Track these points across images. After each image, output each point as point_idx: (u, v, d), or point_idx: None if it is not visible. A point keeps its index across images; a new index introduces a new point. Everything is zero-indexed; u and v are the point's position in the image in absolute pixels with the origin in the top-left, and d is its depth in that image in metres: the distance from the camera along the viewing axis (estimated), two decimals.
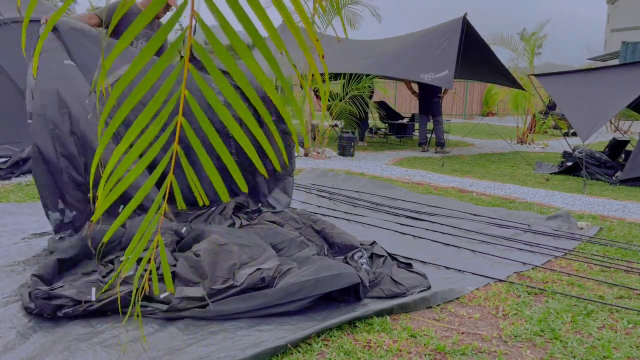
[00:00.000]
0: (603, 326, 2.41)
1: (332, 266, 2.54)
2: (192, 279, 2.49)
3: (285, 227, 3.30)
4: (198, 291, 2.38)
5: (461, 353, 2.11)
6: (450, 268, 3.11)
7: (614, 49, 24.78)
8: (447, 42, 8.90)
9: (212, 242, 2.69)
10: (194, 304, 2.33)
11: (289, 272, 2.50)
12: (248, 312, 2.34)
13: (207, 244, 2.68)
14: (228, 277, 2.48)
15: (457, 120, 20.31)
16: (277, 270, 2.50)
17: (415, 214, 4.52)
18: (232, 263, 2.56)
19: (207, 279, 2.46)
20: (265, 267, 2.51)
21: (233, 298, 2.37)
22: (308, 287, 2.39)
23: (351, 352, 2.07)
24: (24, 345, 2.02)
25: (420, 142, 10.21)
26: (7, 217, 3.93)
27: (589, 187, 6.38)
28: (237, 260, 2.58)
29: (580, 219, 4.59)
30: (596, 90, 7.07)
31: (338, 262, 2.70)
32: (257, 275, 2.45)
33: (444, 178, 6.76)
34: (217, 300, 2.36)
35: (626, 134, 12.40)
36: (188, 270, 2.54)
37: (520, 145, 11.91)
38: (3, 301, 2.43)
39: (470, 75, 11.79)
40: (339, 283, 2.43)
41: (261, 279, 2.43)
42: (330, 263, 2.63)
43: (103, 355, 1.97)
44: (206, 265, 2.53)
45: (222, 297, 2.37)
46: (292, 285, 2.39)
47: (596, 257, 3.46)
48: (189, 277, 2.50)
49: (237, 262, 2.57)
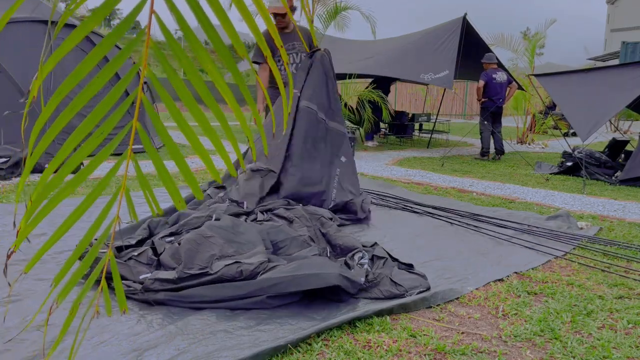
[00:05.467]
0: (603, 326, 2.41)
1: (314, 265, 2.55)
2: (172, 265, 2.67)
3: (294, 224, 3.35)
4: (170, 274, 2.53)
5: (461, 353, 2.11)
6: (450, 268, 3.12)
7: (614, 49, 24.78)
8: (447, 42, 8.90)
9: (197, 233, 2.84)
10: (166, 286, 2.46)
11: (274, 269, 2.54)
12: (221, 302, 2.41)
13: (192, 235, 2.84)
14: (205, 266, 2.58)
15: (457, 120, 20.32)
16: (261, 266, 2.54)
17: (417, 207, 4.52)
18: (212, 254, 2.67)
19: (182, 264, 2.60)
20: (246, 262, 2.56)
21: (207, 286, 2.46)
22: (283, 283, 2.42)
23: (351, 352, 2.07)
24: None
25: (484, 151, 9.05)
26: (7, 217, 3.93)
27: (588, 187, 6.39)
28: (217, 251, 2.70)
29: (580, 219, 4.59)
30: (596, 90, 7.07)
31: (325, 263, 2.68)
32: (234, 267, 2.51)
33: (444, 178, 6.76)
34: (190, 286, 2.46)
35: (626, 134, 12.41)
36: (169, 257, 2.72)
37: (520, 145, 11.92)
38: (3, 301, 2.43)
39: (470, 76, 11.80)
40: (315, 283, 2.44)
41: (239, 271, 2.49)
42: (315, 262, 2.64)
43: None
44: (183, 252, 2.68)
45: (195, 283, 2.47)
46: (267, 280, 2.44)
47: (596, 257, 3.46)
48: (169, 264, 2.69)
49: (217, 254, 2.68)
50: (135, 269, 2.65)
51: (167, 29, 0.82)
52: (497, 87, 8.73)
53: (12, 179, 5.54)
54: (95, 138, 0.87)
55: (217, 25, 0.88)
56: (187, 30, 0.81)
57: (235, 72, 0.85)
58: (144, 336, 2.13)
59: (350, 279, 2.52)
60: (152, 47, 0.86)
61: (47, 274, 2.76)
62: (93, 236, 0.97)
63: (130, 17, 0.83)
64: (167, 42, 0.84)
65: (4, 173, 5.54)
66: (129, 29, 0.85)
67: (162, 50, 0.88)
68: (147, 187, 0.95)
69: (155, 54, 0.87)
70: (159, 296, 2.44)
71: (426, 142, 11.28)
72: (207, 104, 0.87)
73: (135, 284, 2.54)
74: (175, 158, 0.90)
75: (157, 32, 0.89)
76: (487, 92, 8.77)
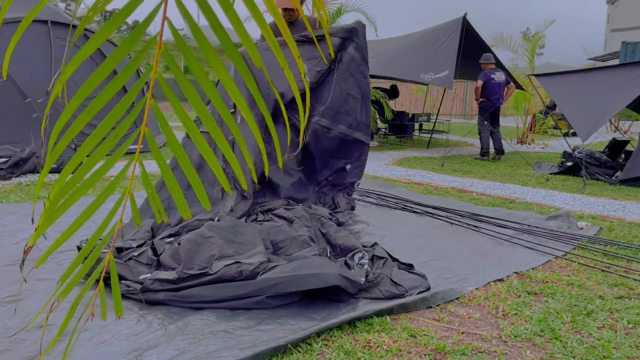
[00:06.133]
0: (603, 326, 2.41)
1: (314, 266, 2.56)
2: (172, 265, 2.67)
3: (294, 224, 3.35)
4: (170, 274, 2.53)
5: (461, 353, 2.11)
6: (449, 268, 3.12)
7: (614, 49, 24.77)
8: (447, 42, 8.90)
9: (197, 234, 2.84)
10: (166, 286, 2.46)
11: (274, 269, 2.54)
12: (221, 302, 2.41)
13: (192, 235, 2.84)
14: (205, 266, 2.58)
15: (457, 120, 20.32)
16: (261, 266, 2.54)
17: (417, 207, 4.52)
18: (211, 254, 2.68)
19: (182, 264, 2.61)
20: (246, 262, 2.56)
21: (207, 286, 2.46)
22: (283, 283, 2.43)
23: (351, 352, 2.07)
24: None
25: (483, 151, 9.04)
26: (7, 217, 3.93)
27: (588, 187, 6.39)
28: (217, 252, 2.70)
29: (580, 219, 4.59)
30: (596, 90, 7.07)
31: (325, 263, 2.69)
32: (233, 267, 2.52)
33: (444, 178, 6.76)
34: (190, 287, 2.47)
35: (626, 134, 12.41)
36: (169, 258, 2.72)
37: (520, 145, 11.91)
38: (3, 301, 2.43)
39: (470, 76, 11.80)
40: (315, 283, 2.44)
41: (238, 272, 2.49)
42: (315, 262, 2.64)
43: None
44: (183, 252, 2.69)
45: (195, 283, 2.48)
46: (266, 280, 2.44)
47: (596, 257, 3.46)
48: (169, 265, 2.69)
49: (217, 254, 2.68)
50: (135, 269, 2.65)
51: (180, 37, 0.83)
52: (495, 87, 8.73)
53: (12, 179, 5.54)
54: (109, 141, 0.89)
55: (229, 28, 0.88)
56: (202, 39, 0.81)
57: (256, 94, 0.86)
58: (144, 336, 2.13)
59: (350, 279, 2.52)
60: (164, 53, 0.86)
61: (47, 274, 2.76)
62: (98, 238, 0.98)
63: (149, 17, 0.83)
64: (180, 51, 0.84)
65: (4, 173, 5.54)
66: (144, 32, 0.86)
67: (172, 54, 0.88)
68: (155, 196, 0.96)
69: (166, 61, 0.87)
70: (159, 296, 2.45)
71: (426, 142, 11.28)
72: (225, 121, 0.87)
73: (135, 284, 2.54)
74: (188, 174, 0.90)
75: (166, 32, 0.89)
76: (485, 92, 8.77)
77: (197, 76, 0.84)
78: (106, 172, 0.92)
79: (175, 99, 0.87)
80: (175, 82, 0.88)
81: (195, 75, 0.85)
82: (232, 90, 0.84)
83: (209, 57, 0.82)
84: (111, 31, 0.83)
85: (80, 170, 0.91)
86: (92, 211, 0.93)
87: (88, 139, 0.88)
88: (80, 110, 0.89)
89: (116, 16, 0.83)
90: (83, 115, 0.87)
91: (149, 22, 0.82)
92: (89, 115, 0.86)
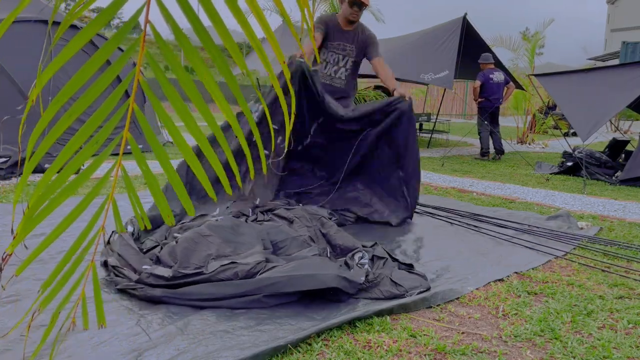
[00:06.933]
0: (603, 326, 2.41)
1: (312, 266, 2.55)
2: (170, 263, 2.68)
3: (295, 225, 3.35)
4: (166, 271, 2.54)
5: (461, 353, 2.11)
6: (449, 268, 3.11)
7: (614, 49, 24.77)
8: (447, 42, 8.90)
9: (195, 232, 2.85)
10: (161, 282, 2.48)
11: (272, 269, 2.55)
12: (218, 300, 2.42)
13: (190, 233, 2.85)
14: (201, 265, 2.59)
15: (457, 120, 20.32)
16: (258, 266, 2.55)
17: (418, 207, 4.52)
18: (208, 253, 2.68)
19: (178, 262, 2.62)
20: (242, 262, 2.57)
21: (202, 284, 2.47)
22: (280, 283, 2.43)
23: (351, 352, 2.07)
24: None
25: (483, 151, 9.06)
26: (7, 217, 3.93)
27: (589, 187, 6.38)
28: (214, 251, 2.71)
29: (580, 219, 4.59)
30: (596, 90, 7.07)
31: (324, 263, 2.68)
32: (230, 267, 2.52)
33: (444, 178, 6.76)
34: (185, 284, 2.48)
35: (626, 134, 12.40)
36: (167, 255, 2.73)
37: (521, 145, 11.92)
38: (3, 301, 2.43)
39: (471, 76, 11.80)
40: (311, 284, 2.43)
41: (234, 273, 2.50)
42: (314, 263, 2.64)
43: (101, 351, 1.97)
44: (179, 251, 2.70)
45: (190, 281, 2.49)
46: (264, 279, 2.44)
47: (596, 257, 3.46)
48: (167, 262, 2.70)
49: (214, 253, 2.69)
50: (143, 259, 2.73)
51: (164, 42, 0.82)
52: (494, 87, 8.73)
53: (12, 178, 5.54)
54: (93, 144, 0.88)
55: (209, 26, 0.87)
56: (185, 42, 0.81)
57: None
58: (143, 336, 2.13)
59: (348, 279, 2.52)
60: (147, 56, 0.86)
61: (47, 274, 2.75)
62: (80, 245, 0.97)
63: (131, 20, 0.83)
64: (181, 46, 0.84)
65: (4, 173, 5.54)
66: (130, 31, 0.85)
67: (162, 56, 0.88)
68: (138, 203, 0.96)
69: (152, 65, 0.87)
70: (156, 292, 2.45)
71: (426, 142, 11.27)
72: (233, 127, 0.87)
73: (134, 274, 2.58)
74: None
75: (165, 30, 0.89)
76: (484, 92, 8.77)
77: (200, 76, 0.84)
78: (91, 174, 0.92)
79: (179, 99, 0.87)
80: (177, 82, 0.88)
81: (198, 75, 0.85)
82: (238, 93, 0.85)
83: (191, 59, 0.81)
84: (94, 32, 0.82)
85: (63, 171, 0.90)
86: (77, 214, 0.93)
87: (72, 139, 0.87)
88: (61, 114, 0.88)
89: (98, 17, 0.82)
90: (68, 114, 0.86)
91: (136, 17, 0.82)
92: (74, 115, 0.85)
